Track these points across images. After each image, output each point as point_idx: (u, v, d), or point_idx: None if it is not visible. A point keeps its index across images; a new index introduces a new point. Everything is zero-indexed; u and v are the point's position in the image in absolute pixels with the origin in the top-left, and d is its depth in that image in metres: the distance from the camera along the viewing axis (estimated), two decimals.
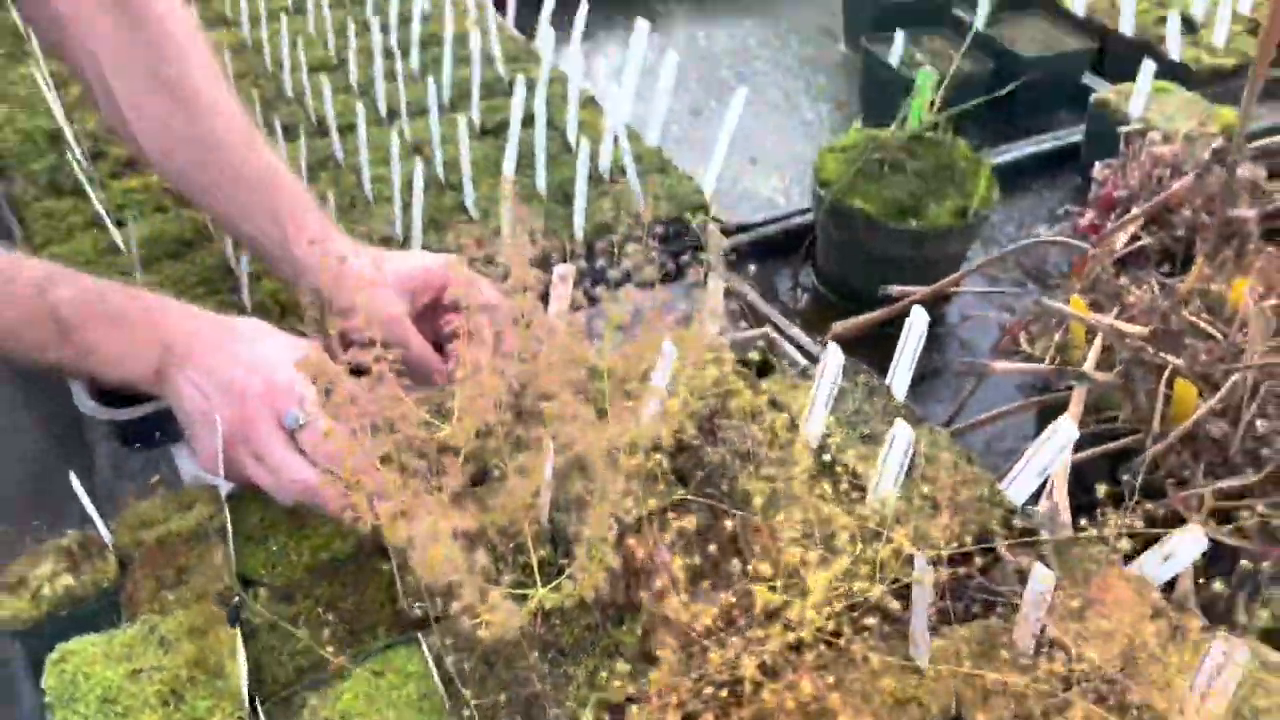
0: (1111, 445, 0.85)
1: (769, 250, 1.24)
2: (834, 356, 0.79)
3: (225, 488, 0.83)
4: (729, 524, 0.72)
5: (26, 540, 0.77)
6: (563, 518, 0.77)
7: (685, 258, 1.13)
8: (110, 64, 0.95)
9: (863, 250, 1.15)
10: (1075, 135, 1.43)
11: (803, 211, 1.27)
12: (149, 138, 0.96)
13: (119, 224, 1.16)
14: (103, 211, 1.15)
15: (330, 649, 0.70)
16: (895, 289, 1.05)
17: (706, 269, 0.89)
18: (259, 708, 0.68)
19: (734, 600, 0.66)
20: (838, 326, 1.07)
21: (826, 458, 0.80)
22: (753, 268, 0.92)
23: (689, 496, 0.78)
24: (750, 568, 0.66)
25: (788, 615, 0.64)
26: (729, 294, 0.99)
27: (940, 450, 0.81)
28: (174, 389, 0.81)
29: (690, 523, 0.69)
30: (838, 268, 1.20)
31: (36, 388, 1.08)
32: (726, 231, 1.21)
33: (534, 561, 0.73)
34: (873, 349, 0.93)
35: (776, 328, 1.03)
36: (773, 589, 0.65)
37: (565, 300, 0.85)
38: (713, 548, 0.70)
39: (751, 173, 1.45)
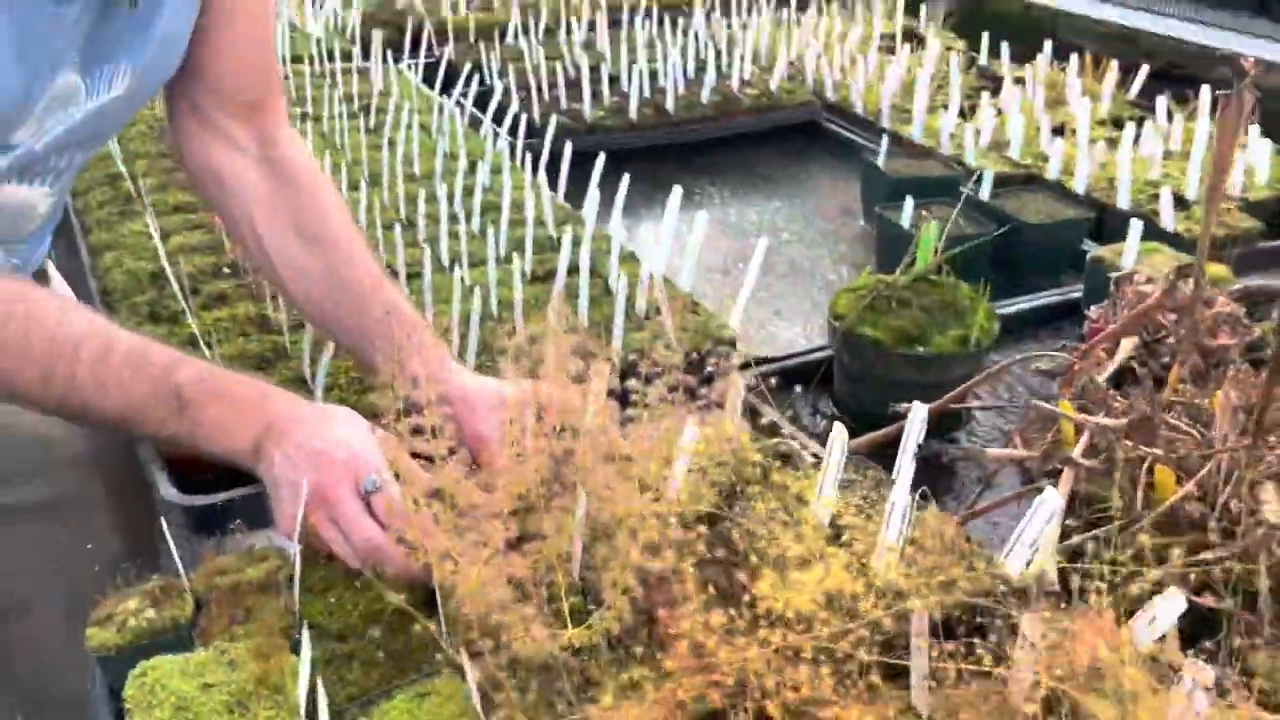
0: (1099, 531, 0.92)
1: (790, 381, 1.35)
2: (840, 434, 0.89)
3: (295, 549, 0.92)
4: (741, 577, 0.80)
5: (117, 583, 0.87)
6: (592, 575, 0.85)
7: (711, 381, 1.25)
8: (260, 217, 1.13)
9: (874, 376, 1.26)
10: (1075, 291, 1.55)
11: (821, 348, 1.39)
12: (294, 283, 1.13)
13: (208, 345, 1.30)
14: (196, 334, 1.31)
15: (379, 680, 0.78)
16: (903, 407, 1.15)
17: (724, 368, 1.00)
18: None
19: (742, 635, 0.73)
20: (853, 443, 1.16)
21: (833, 531, 0.88)
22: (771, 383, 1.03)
23: (705, 556, 0.86)
24: (755, 604, 0.74)
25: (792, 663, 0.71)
26: (750, 414, 1.10)
27: (940, 526, 0.89)
28: (267, 461, 0.92)
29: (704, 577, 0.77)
30: (852, 394, 1.31)
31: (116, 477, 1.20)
32: (750, 364, 1.32)
33: (565, 607, 0.81)
34: (886, 466, 1.02)
35: (794, 438, 1.13)
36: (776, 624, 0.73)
37: (602, 389, 0.96)
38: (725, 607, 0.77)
39: (776, 322, 1.58)
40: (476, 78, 2.23)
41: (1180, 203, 1.76)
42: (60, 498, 1.22)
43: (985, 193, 1.73)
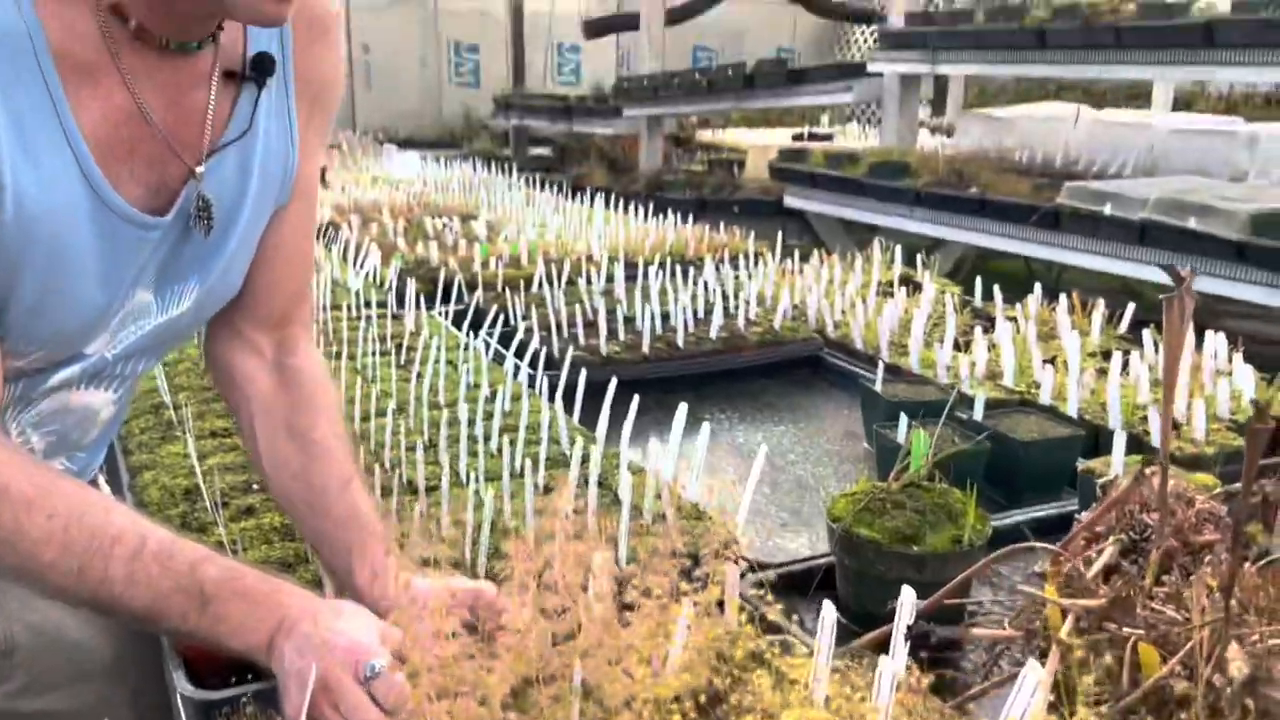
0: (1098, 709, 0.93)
1: (792, 585, 1.39)
2: (829, 612, 0.93)
3: None
4: None
5: None
6: None
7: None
8: (259, 412, 1.22)
9: (872, 576, 1.29)
10: (1070, 504, 1.60)
11: (822, 555, 1.43)
12: (275, 477, 1.21)
13: (234, 552, 1.36)
14: (224, 542, 1.37)
15: None
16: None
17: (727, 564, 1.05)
18: None
19: None
20: (854, 643, 1.19)
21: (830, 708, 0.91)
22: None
23: None
24: None
25: None
26: (752, 617, 1.14)
27: (934, 707, 0.91)
28: (279, 654, 0.96)
29: None
30: (853, 595, 1.34)
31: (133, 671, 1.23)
32: (754, 568, 1.36)
33: None
34: None
35: (791, 632, 1.15)
36: None
37: (603, 578, 1.01)
38: None
39: (782, 534, 1.63)
40: (501, 319, 2.39)
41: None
42: (90, 705, 1.25)
43: (979, 415, 1.81)
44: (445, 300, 2.83)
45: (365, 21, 11.80)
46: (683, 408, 1.52)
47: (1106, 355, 2.26)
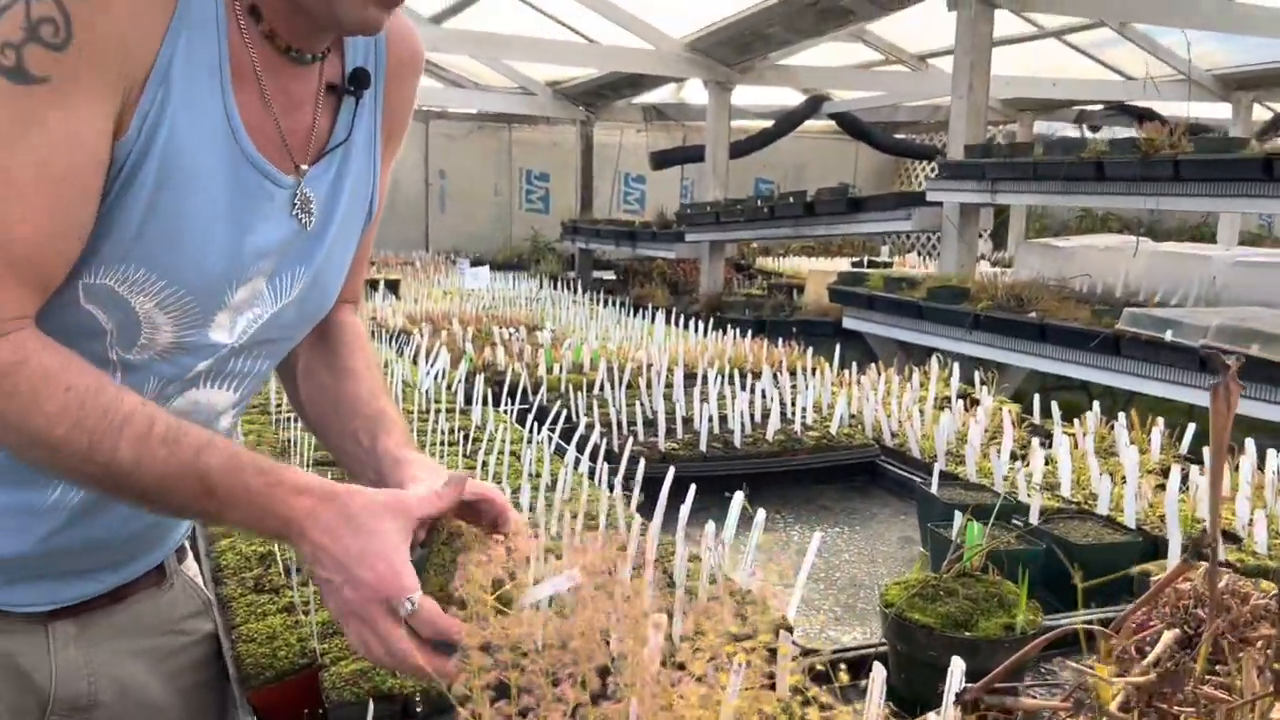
0: None
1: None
2: (879, 672, 0.95)
3: None
4: None
5: None
6: None
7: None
8: (301, 355, 1.31)
9: (924, 662, 1.30)
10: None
11: (876, 644, 1.44)
12: (309, 399, 1.31)
13: (305, 613, 1.42)
14: (296, 602, 1.43)
15: None
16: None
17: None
18: None
19: None
20: None
21: None
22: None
23: None
24: None
25: None
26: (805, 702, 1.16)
27: None
28: (299, 553, 1.00)
29: None
30: (905, 682, 1.34)
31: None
32: (806, 652, 1.38)
33: None
34: None
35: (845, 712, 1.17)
36: None
37: (659, 636, 1.05)
38: None
39: (836, 627, 1.64)
40: (564, 416, 2.47)
41: (1231, 538, 1.82)
42: None
43: (1035, 519, 1.82)
44: (511, 400, 2.92)
45: (442, 147, 12.40)
46: (738, 495, 1.56)
47: (1165, 473, 2.25)
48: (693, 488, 1.71)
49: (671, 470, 1.78)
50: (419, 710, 1.22)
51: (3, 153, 0.91)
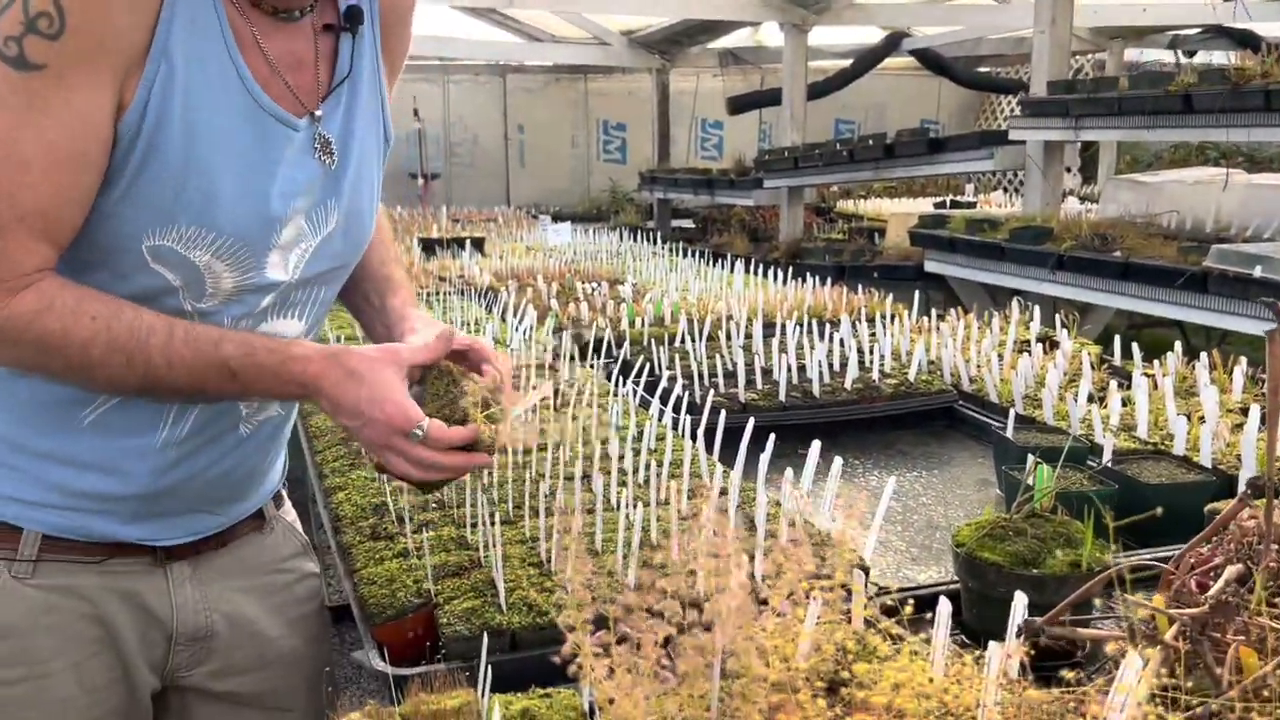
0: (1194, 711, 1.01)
1: (918, 612, 1.48)
2: (945, 606, 1.04)
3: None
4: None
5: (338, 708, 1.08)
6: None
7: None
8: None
9: (994, 599, 1.38)
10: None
11: (949, 582, 1.52)
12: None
13: (418, 557, 1.56)
14: (410, 548, 1.57)
15: None
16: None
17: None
18: None
19: None
20: None
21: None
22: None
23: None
24: None
25: None
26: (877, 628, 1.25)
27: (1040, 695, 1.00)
28: (320, 406, 1.21)
29: None
30: (976, 619, 1.42)
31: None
32: (881, 590, 1.47)
33: None
34: None
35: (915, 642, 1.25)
36: None
37: (741, 573, 1.15)
38: None
39: (911, 566, 1.72)
40: (647, 369, 2.57)
41: None
42: (270, 689, 1.45)
43: (1107, 459, 1.87)
44: (596, 354, 3.03)
45: (520, 102, 12.49)
46: (816, 444, 1.65)
47: (1245, 412, 2.26)
48: (772, 437, 1.80)
49: (751, 421, 1.87)
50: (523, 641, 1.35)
51: (13, 132, 1.05)
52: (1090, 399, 2.31)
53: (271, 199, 1.20)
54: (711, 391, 2.31)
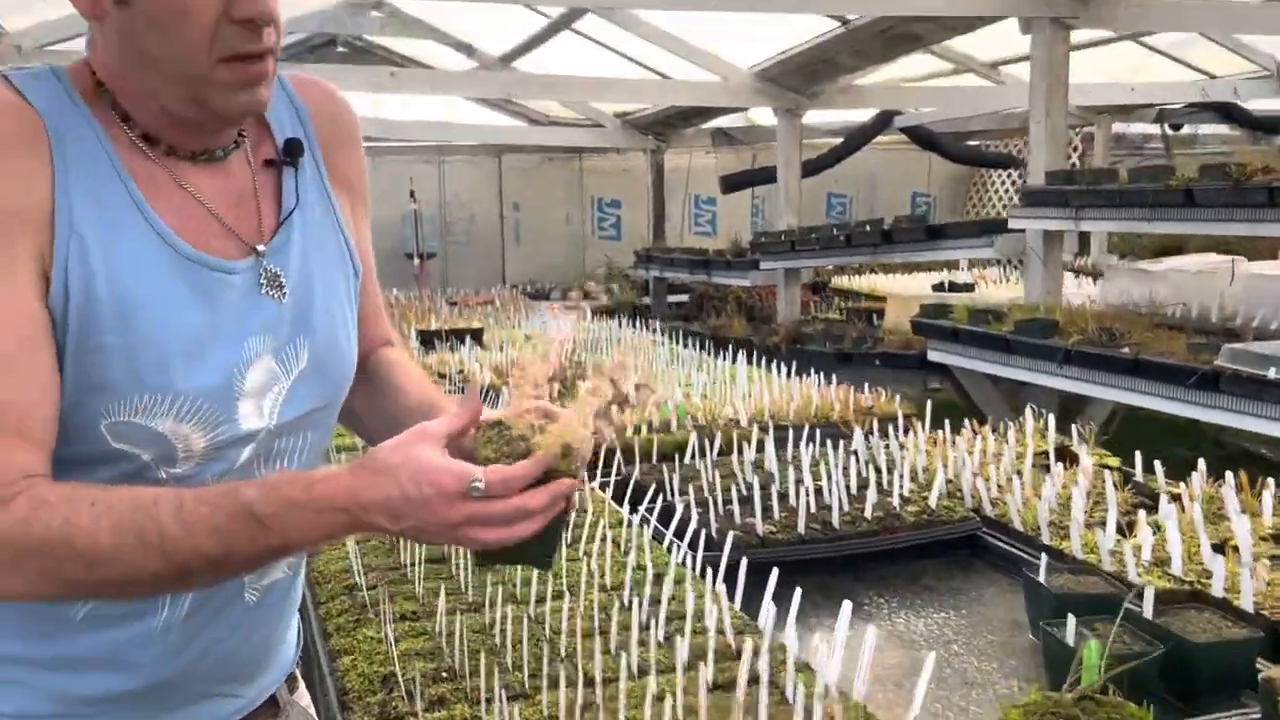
0: None
1: None
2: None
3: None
4: None
5: None
6: None
7: None
8: (357, 399, 1.38)
9: None
10: (1252, 713, 1.56)
11: None
12: (371, 425, 1.40)
13: None
14: None
15: None
16: None
17: None
18: None
19: None
20: None
21: None
22: None
23: None
24: None
25: None
26: None
27: None
28: (370, 528, 1.05)
29: None
30: None
31: None
32: None
33: None
34: None
35: None
36: None
37: None
38: None
39: None
40: (659, 493, 2.50)
41: None
42: None
43: (1149, 610, 1.79)
44: (605, 470, 2.95)
45: (515, 180, 12.59)
46: (846, 607, 1.57)
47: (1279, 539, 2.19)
48: (798, 593, 1.72)
49: (775, 572, 1.80)
50: None
51: None
52: (1119, 530, 2.24)
53: (226, 347, 1.14)
54: (728, 526, 2.23)
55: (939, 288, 7.42)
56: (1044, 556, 2.01)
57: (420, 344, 5.75)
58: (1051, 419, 3.12)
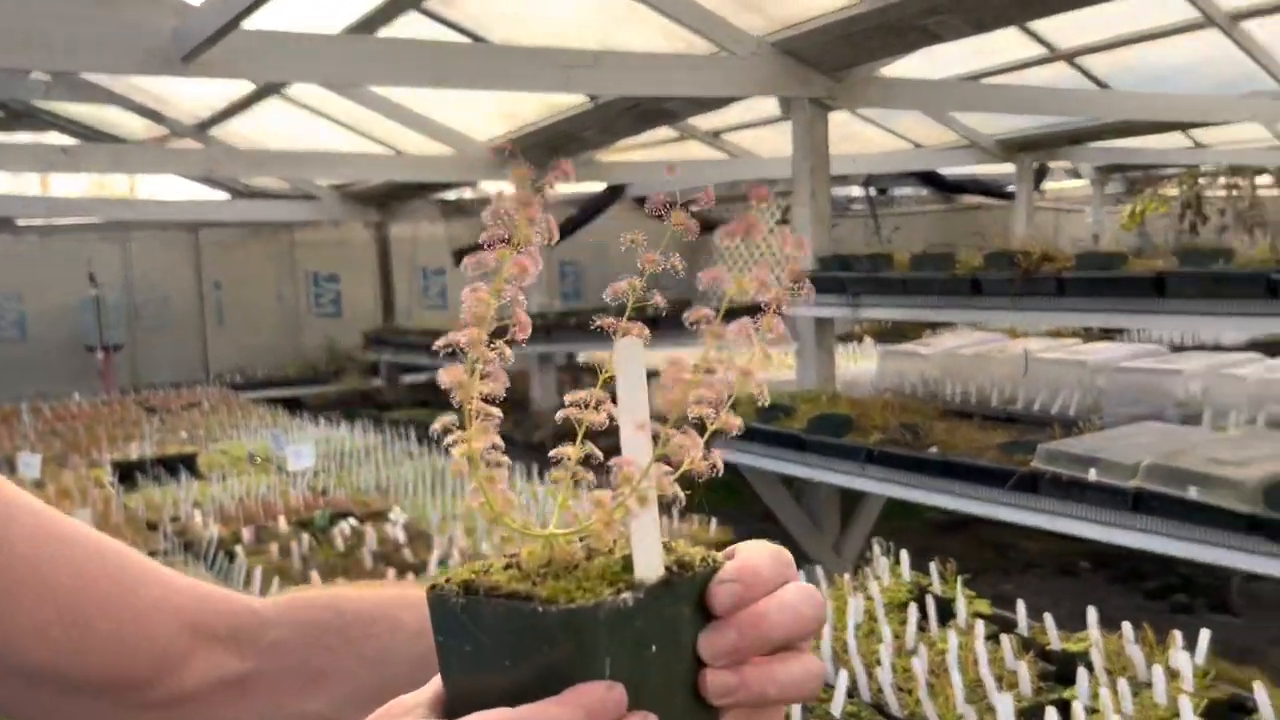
0: None
1: None
2: None
3: None
4: None
5: None
6: None
7: None
8: None
9: None
10: None
11: None
12: None
13: None
14: None
15: None
16: None
17: None
18: None
19: None
20: None
21: None
22: None
23: None
24: None
25: None
26: None
27: None
28: None
29: None
30: None
31: None
32: None
33: None
34: None
35: None
36: None
37: None
38: None
39: None
40: None
41: None
42: None
43: None
44: None
45: (216, 257, 11.32)
46: None
47: None
48: None
49: None
50: None
51: None
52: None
53: None
54: None
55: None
56: None
57: (119, 479, 4.71)
58: (905, 558, 2.80)
